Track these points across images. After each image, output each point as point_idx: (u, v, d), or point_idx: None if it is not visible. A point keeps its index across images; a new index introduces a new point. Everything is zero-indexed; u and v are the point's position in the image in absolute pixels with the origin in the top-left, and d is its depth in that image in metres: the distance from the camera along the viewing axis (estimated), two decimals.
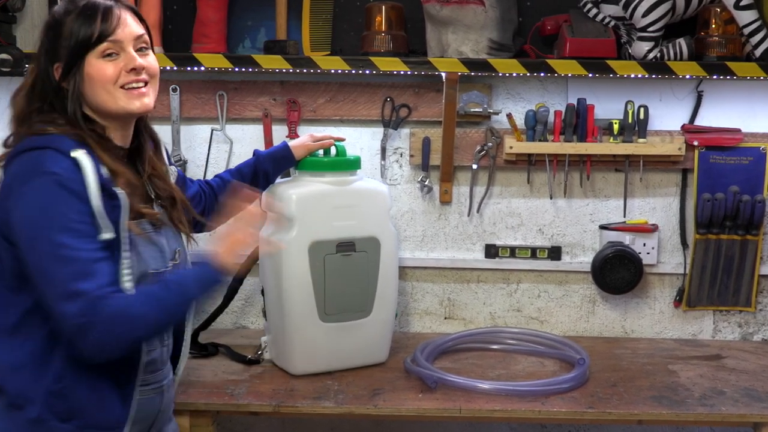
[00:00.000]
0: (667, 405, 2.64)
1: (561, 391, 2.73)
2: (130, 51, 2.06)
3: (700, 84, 3.28)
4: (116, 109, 2.06)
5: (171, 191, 2.24)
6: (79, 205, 1.90)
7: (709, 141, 3.24)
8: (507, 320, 3.43)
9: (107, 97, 2.04)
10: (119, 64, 2.04)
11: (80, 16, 2.02)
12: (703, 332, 3.42)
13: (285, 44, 3.08)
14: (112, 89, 2.04)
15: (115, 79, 2.04)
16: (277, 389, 2.72)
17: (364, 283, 2.87)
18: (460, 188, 3.35)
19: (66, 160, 1.93)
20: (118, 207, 1.98)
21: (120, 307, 1.89)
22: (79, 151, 1.95)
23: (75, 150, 1.95)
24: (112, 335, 1.88)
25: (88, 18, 2.01)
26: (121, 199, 1.99)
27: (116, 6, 2.06)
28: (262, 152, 2.82)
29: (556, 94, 3.31)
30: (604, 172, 3.34)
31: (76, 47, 2.01)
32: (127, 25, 2.06)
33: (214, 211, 2.67)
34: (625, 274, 3.27)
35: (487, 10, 3.05)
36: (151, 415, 2.18)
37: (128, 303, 1.92)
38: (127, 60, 2.05)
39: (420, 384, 2.77)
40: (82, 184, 1.92)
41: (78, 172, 1.93)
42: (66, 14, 2.03)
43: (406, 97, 3.28)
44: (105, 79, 2.03)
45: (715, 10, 3.08)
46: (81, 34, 2.01)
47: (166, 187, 2.23)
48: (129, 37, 2.06)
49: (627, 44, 3.12)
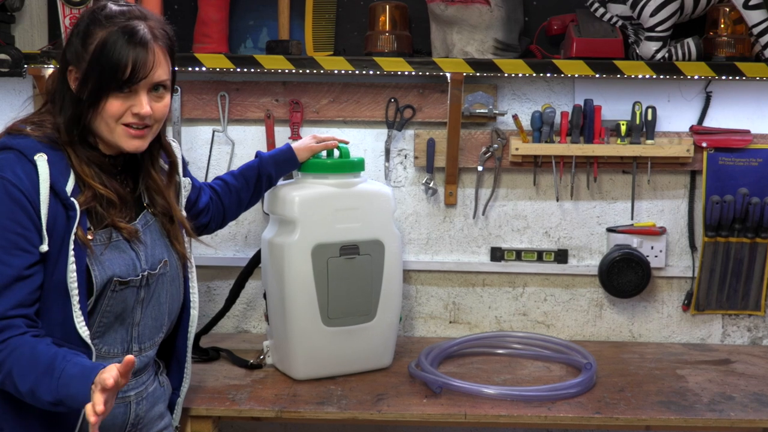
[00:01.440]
0: (676, 410, 2.64)
1: (567, 396, 2.73)
2: (143, 95, 2.03)
3: (708, 85, 3.28)
4: (109, 140, 2.06)
5: (169, 209, 2.23)
6: (20, 215, 1.90)
7: (718, 142, 3.25)
8: (513, 324, 3.43)
9: (105, 127, 2.03)
10: (128, 103, 2.02)
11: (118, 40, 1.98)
12: (712, 336, 3.42)
13: (287, 44, 3.08)
14: (113, 124, 2.03)
15: (119, 117, 2.02)
16: (280, 394, 2.73)
17: (368, 287, 2.88)
18: (465, 190, 3.36)
19: (27, 164, 1.93)
20: (73, 218, 1.96)
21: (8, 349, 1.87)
22: (41, 156, 1.94)
23: (38, 154, 1.94)
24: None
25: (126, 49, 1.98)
26: (77, 210, 1.97)
27: (154, 43, 2.03)
28: (265, 154, 2.81)
29: (563, 95, 3.31)
30: (612, 173, 3.35)
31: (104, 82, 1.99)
32: (156, 69, 2.03)
33: (220, 216, 2.68)
34: (633, 278, 3.27)
35: (492, 9, 3.05)
36: (112, 427, 2.14)
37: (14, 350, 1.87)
38: (136, 102, 2.02)
39: (424, 389, 2.77)
40: (35, 191, 1.92)
41: (35, 176, 1.93)
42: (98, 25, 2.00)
43: (411, 98, 3.29)
44: (109, 114, 2.01)
45: (724, 9, 3.08)
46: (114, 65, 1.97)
47: (165, 204, 2.22)
48: (149, 81, 2.04)
49: (634, 44, 3.12)
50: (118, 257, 2.07)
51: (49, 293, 1.96)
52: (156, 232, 2.20)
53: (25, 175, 1.92)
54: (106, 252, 2.04)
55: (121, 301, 2.08)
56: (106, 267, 2.04)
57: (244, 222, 3.36)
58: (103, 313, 2.06)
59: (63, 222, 1.95)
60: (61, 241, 1.95)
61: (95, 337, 2.05)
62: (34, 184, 1.92)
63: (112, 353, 2.10)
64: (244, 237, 3.37)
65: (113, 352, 2.11)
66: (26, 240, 1.90)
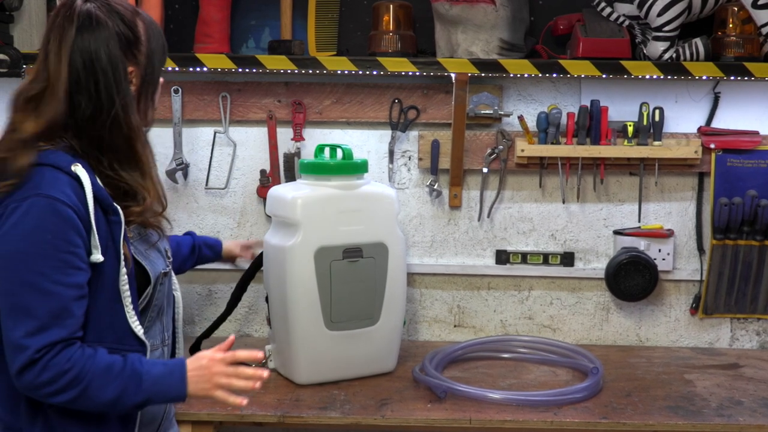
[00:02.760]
0: (683, 415, 2.64)
1: (574, 401, 2.73)
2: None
3: (717, 85, 3.28)
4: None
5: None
6: (70, 233, 1.88)
7: (726, 144, 3.25)
8: (518, 328, 3.43)
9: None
10: None
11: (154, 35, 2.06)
12: (720, 340, 3.42)
13: (290, 44, 3.09)
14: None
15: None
16: (282, 399, 2.73)
17: (372, 290, 2.88)
18: (470, 192, 3.36)
19: (66, 177, 1.90)
20: (117, 223, 1.96)
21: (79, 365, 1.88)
22: (78, 167, 1.91)
23: (74, 165, 1.91)
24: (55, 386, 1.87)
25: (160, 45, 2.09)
26: (120, 214, 1.97)
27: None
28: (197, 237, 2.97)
29: (569, 96, 3.32)
30: (619, 175, 3.35)
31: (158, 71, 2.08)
32: None
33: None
34: (640, 281, 3.27)
35: (497, 9, 3.06)
36: (157, 417, 2.19)
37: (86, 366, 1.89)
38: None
39: (429, 394, 2.77)
40: (82, 204, 1.90)
41: (79, 189, 1.90)
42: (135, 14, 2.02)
43: (415, 98, 3.29)
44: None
45: (733, 9, 3.08)
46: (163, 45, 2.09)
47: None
48: None
49: (642, 44, 3.12)
50: (153, 251, 2.10)
51: (96, 300, 1.95)
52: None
53: (71, 189, 1.89)
54: (145, 247, 2.07)
55: (163, 294, 2.13)
56: (153, 262, 2.06)
57: (246, 225, 3.37)
58: (152, 308, 2.09)
59: (105, 228, 1.94)
60: (105, 247, 1.94)
61: (145, 333, 2.06)
62: (80, 197, 1.90)
63: (155, 345, 2.13)
64: (246, 240, 3.38)
65: (155, 344, 2.14)
66: (78, 257, 1.90)
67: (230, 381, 2.04)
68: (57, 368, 1.85)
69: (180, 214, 3.31)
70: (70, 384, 1.87)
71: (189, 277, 3.34)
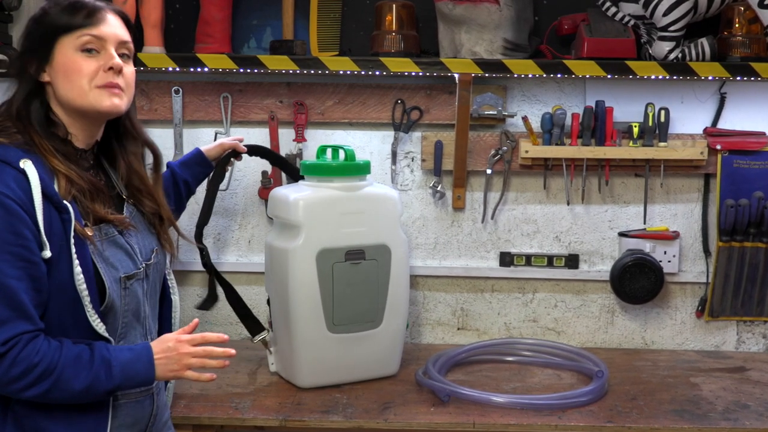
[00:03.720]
0: (689, 419, 2.64)
1: (579, 404, 2.73)
2: (111, 51, 2.05)
3: (723, 86, 3.28)
4: (85, 106, 2.03)
5: (158, 210, 2.25)
6: (19, 226, 1.89)
7: (732, 145, 3.25)
8: (522, 331, 3.43)
9: (79, 92, 2.02)
10: (99, 61, 2.03)
11: (65, 9, 2.03)
12: (727, 343, 3.42)
13: (292, 44, 3.09)
14: (86, 86, 2.02)
15: (92, 77, 2.02)
16: (284, 403, 2.74)
17: (374, 293, 2.88)
18: (474, 194, 3.36)
19: (13, 172, 1.92)
20: (68, 221, 1.96)
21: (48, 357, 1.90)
22: (27, 162, 1.93)
23: (22, 160, 1.93)
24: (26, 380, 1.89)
25: (73, 11, 2.03)
26: (71, 212, 1.96)
27: (106, 8, 2.07)
28: (173, 162, 2.90)
29: (574, 96, 3.32)
30: (624, 177, 3.35)
31: (51, 31, 2.02)
32: (113, 26, 2.06)
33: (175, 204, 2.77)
34: (645, 283, 3.27)
35: (501, 8, 3.06)
36: (142, 419, 2.18)
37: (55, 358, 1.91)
38: (106, 59, 2.03)
39: (432, 397, 2.77)
40: (28, 199, 1.91)
41: (26, 184, 1.91)
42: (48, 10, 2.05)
43: (418, 99, 3.29)
44: (80, 74, 2.01)
45: (739, 8, 3.08)
46: (59, 21, 2.02)
47: (153, 206, 2.23)
48: (112, 38, 2.05)
49: (647, 44, 3.12)
50: (117, 252, 2.08)
51: (57, 299, 1.96)
52: (141, 223, 2.20)
53: (15, 184, 1.91)
54: (106, 248, 2.05)
55: (134, 297, 2.11)
56: (110, 263, 2.04)
57: (247, 226, 3.37)
58: (123, 313, 2.07)
59: (59, 226, 1.95)
60: (60, 245, 1.95)
61: (120, 339, 2.07)
62: (26, 192, 1.91)
63: None
64: (248, 242, 3.38)
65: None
66: (29, 251, 1.90)
67: (203, 361, 2.09)
68: (26, 362, 1.87)
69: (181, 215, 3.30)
70: (41, 377, 1.89)
71: (188, 279, 3.35)
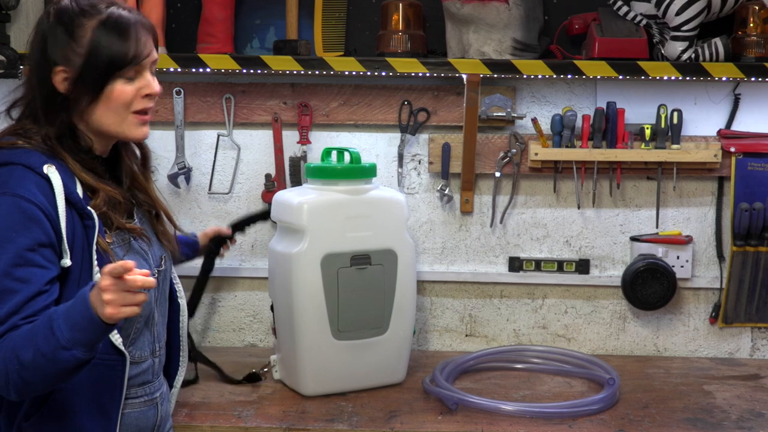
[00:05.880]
0: (702, 428, 2.64)
1: (589, 413, 2.73)
2: (148, 75, 2.06)
3: (737, 87, 3.28)
4: (117, 132, 2.06)
5: (154, 204, 2.25)
6: (36, 231, 1.89)
7: (747, 147, 3.25)
8: (532, 338, 3.43)
9: (115, 119, 2.03)
10: (135, 86, 2.03)
11: (109, 29, 2.00)
12: (741, 350, 3.42)
13: (296, 44, 3.09)
14: (123, 113, 2.03)
15: (130, 104, 2.03)
16: (288, 411, 2.74)
17: (380, 299, 2.88)
18: (482, 197, 3.36)
19: (36, 177, 1.92)
20: (92, 228, 1.97)
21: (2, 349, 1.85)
22: (50, 168, 1.93)
23: (46, 165, 1.93)
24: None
25: (121, 35, 2.00)
26: (95, 218, 1.98)
27: (140, 24, 2.05)
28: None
29: (584, 98, 3.32)
30: (636, 180, 3.35)
31: (109, 67, 1.99)
32: (149, 48, 2.06)
33: None
34: (658, 289, 3.27)
35: (510, 7, 3.06)
36: (146, 428, 2.19)
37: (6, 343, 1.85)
38: (143, 84, 2.04)
39: (439, 405, 2.77)
40: (51, 205, 1.91)
41: (48, 190, 1.92)
42: (83, 16, 2.01)
43: (425, 100, 3.30)
44: (122, 103, 2.02)
45: (753, 8, 3.08)
46: (114, 52, 1.99)
47: (147, 200, 2.24)
48: (149, 62, 2.06)
49: (659, 44, 3.12)
50: (135, 257, 2.09)
51: None
52: (149, 230, 2.22)
53: (38, 189, 1.91)
54: (127, 256, 2.06)
55: (147, 304, 2.10)
56: None
57: (250, 231, 3.37)
58: (136, 319, 2.08)
59: (81, 233, 1.95)
60: (82, 253, 1.95)
61: (130, 344, 2.08)
62: (49, 198, 1.92)
63: (142, 357, 2.14)
64: (251, 246, 3.39)
65: (143, 355, 2.15)
66: (43, 257, 1.90)
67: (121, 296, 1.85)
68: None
69: (182, 219, 3.31)
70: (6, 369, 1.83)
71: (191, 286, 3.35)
